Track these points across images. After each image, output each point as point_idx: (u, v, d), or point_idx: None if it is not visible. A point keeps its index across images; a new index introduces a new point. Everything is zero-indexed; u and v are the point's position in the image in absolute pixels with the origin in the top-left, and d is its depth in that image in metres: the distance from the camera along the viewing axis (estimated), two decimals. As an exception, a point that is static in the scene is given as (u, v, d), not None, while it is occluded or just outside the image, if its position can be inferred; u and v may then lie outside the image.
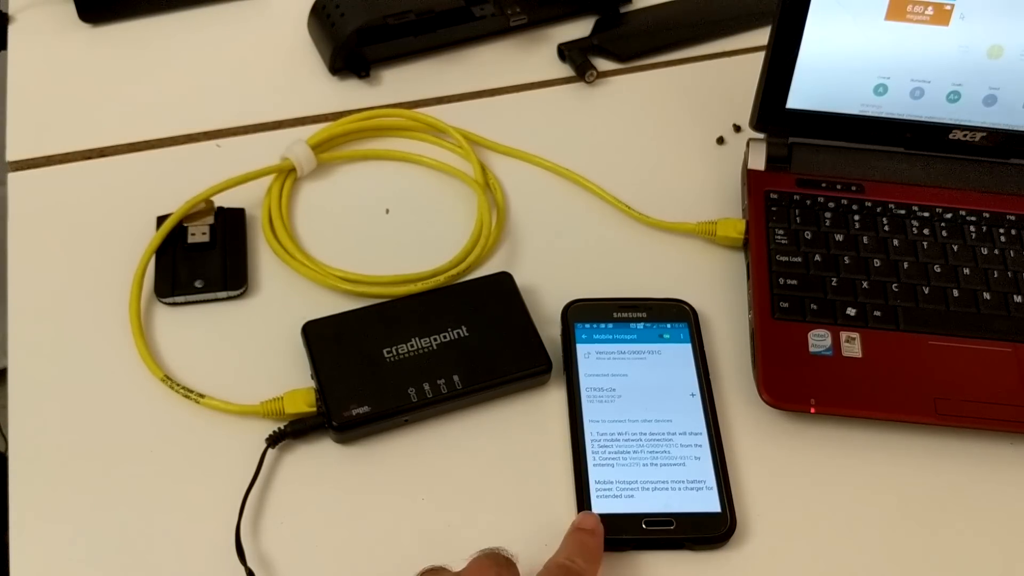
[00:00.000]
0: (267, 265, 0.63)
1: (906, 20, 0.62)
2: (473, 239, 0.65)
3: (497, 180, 0.69)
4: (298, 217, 0.67)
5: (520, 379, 0.57)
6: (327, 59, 0.75)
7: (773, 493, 0.54)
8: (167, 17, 0.80)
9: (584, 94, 0.77)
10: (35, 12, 0.79)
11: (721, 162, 0.72)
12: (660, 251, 0.66)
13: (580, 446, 0.54)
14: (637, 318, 0.60)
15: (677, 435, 0.55)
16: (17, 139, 0.70)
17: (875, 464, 0.56)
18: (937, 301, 0.60)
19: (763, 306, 0.60)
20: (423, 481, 0.54)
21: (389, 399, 0.54)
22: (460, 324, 0.58)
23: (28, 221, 0.65)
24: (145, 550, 0.50)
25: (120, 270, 0.61)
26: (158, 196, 0.65)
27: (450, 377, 0.55)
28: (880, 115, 0.66)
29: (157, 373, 0.56)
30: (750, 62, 0.80)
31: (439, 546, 0.52)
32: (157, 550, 0.50)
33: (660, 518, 0.52)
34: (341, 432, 0.54)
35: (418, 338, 0.57)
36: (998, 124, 0.66)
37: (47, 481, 0.53)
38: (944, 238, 0.64)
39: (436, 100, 0.75)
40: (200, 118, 0.72)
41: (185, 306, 0.61)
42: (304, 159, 0.67)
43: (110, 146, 0.70)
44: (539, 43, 0.80)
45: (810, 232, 0.63)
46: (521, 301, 0.59)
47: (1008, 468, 0.56)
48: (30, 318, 0.59)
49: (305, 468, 0.54)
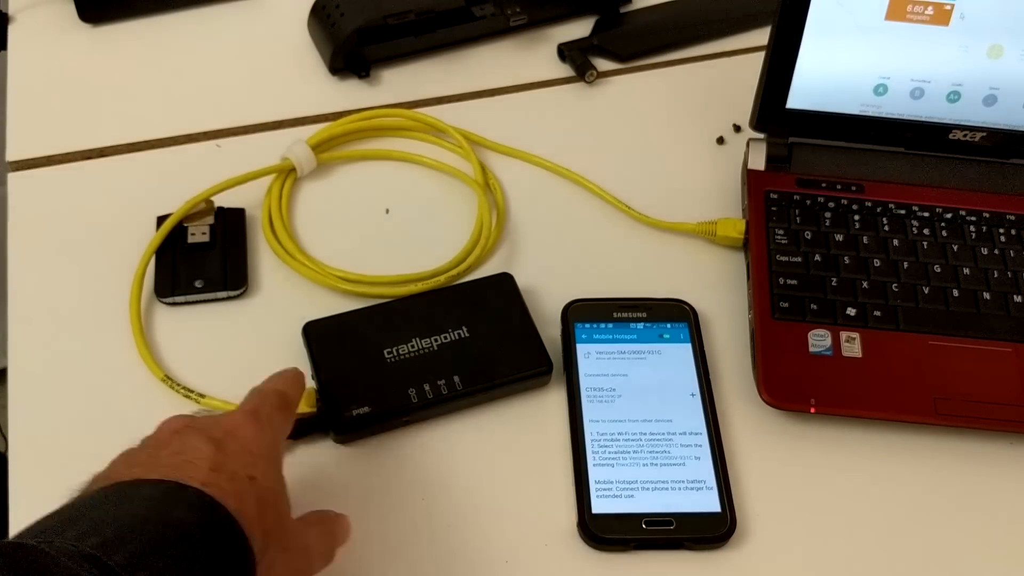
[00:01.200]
0: (267, 265, 0.63)
1: (906, 20, 0.62)
2: (473, 239, 0.65)
3: (497, 180, 0.69)
4: (298, 217, 0.66)
5: (521, 380, 0.57)
6: (327, 59, 0.75)
7: (773, 493, 0.54)
8: (167, 17, 0.80)
9: (584, 94, 0.77)
10: (35, 12, 0.79)
11: (721, 162, 0.72)
12: (660, 251, 0.66)
13: (580, 446, 0.54)
14: (637, 318, 0.60)
15: (677, 435, 0.55)
16: (17, 139, 0.70)
17: (875, 464, 0.56)
18: (937, 301, 0.60)
19: (763, 306, 0.60)
20: (423, 481, 0.54)
21: (389, 400, 0.54)
22: (461, 325, 0.58)
23: (28, 221, 0.65)
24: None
25: (120, 270, 0.61)
26: (158, 196, 0.65)
27: (451, 378, 0.55)
28: (880, 115, 0.66)
29: (157, 373, 0.56)
30: (750, 62, 0.79)
31: (439, 546, 0.52)
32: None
33: (660, 518, 0.52)
34: (341, 433, 0.54)
35: (419, 339, 0.57)
36: (998, 124, 0.66)
37: (47, 481, 0.53)
38: (944, 238, 0.64)
39: (436, 100, 0.75)
40: (200, 118, 0.72)
41: (185, 306, 0.61)
42: (304, 159, 0.67)
43: (110, 146, 0.70)
44: (539, 43, 0.80)
45: (810, 232, 0.63)
46: (522, 302, 0.59)
47: (1008, 468, 0.56)
48: (30, 318, 0.59)
49: (305, 468, 0.54)
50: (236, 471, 0.40)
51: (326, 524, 0.47)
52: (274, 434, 0.45)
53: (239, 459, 0.41)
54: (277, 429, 0.45)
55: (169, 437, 0.42)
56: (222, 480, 0.39)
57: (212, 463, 0.40)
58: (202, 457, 0.40)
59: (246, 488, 0.40)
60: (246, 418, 0.44)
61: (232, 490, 0.39)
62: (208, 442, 0.41)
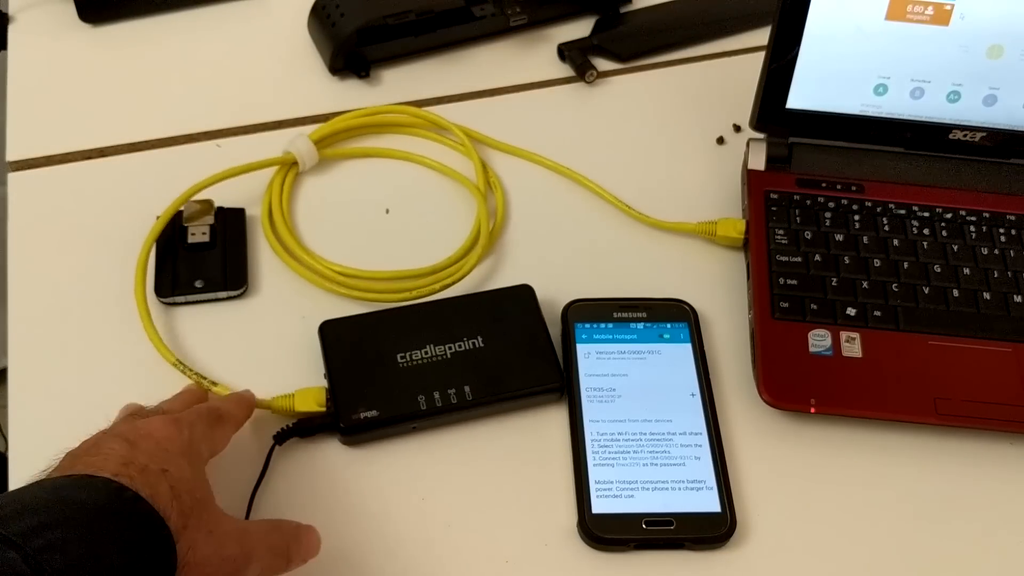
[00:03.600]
0: (267, 265, 0.63)
1: (906, 20, 0.62)
2: (472, 238, 0.65)
3: (498, 178, 0.69)
4: (298, 212, 0.67)
5: (531, 396, 0.56)
6: (327, 59, 0.75)
7: (773, 493, 0.54)
8: (167, 17, 0.80)
9: (584, 94, 0.77)
10: (35, 12, 0.79)
11: (721, 162, 0.72)
12: (660, 251, 0.66)
13: (580, 446, 0.54)
14: (637, 318, 0.60)
15: (677, 435, 0.55)
16: (17, 139, 0.70)
17: (875, 464, 0.56)
18: (937, 301, 0.60)
19: (763, 306, 0.60)
20: (424, 481, 0.54)
21: (398, 405, 0.54)
22: (476, 334, 0.57)
23: (28, 221, 0.65)
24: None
25: (120, 270, 0.61)
26: (158, 196, 0.65)
27: (461, 387, 0.55)
28: (880, 115, 0.66)
29: (169, 357, 0.56)
30: (750, 62, 0.79)
31: (439, 546, 0.52)
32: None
33: (660, 518, 0.52)
34: (348, 434, 0.54)
35: (433, 345, 0.56)
36: (998, 124, 0.66)
37: (47, 481, 0.53)
38: (944, 238, 0.64)
39: (436, 100, 0.75)
40: (200, 118, 0.72)
41: (185, 306, 0.61)
42: (307, 153, 0.67)
43: (110, 146, 0.70)
44: (539, 43, 0.80)
45: (810, 232, 0.63)
46: (539, 314, 0.59)
47: (1008, 468, 0.56)
48: (30, 318, 0.59)
49: (310, 467, 0.54)
50: (147, 465, 0.41)
51: (283, 527, 0.47)
52: (192, 437, 0.46)
53: (152, 455, 0.42)
54: (198, 436, 0.46)
55: (91, 440, 0.43)
56: (132, 471, 0.40)
57: (124, 459, 0.41)
58: (115, 454, 0.41)
59: (158, 478, 0.41)
60: (165, 421, 0.45)
61: (143, 480, 0.40)
62: (123, 443, 0.42)
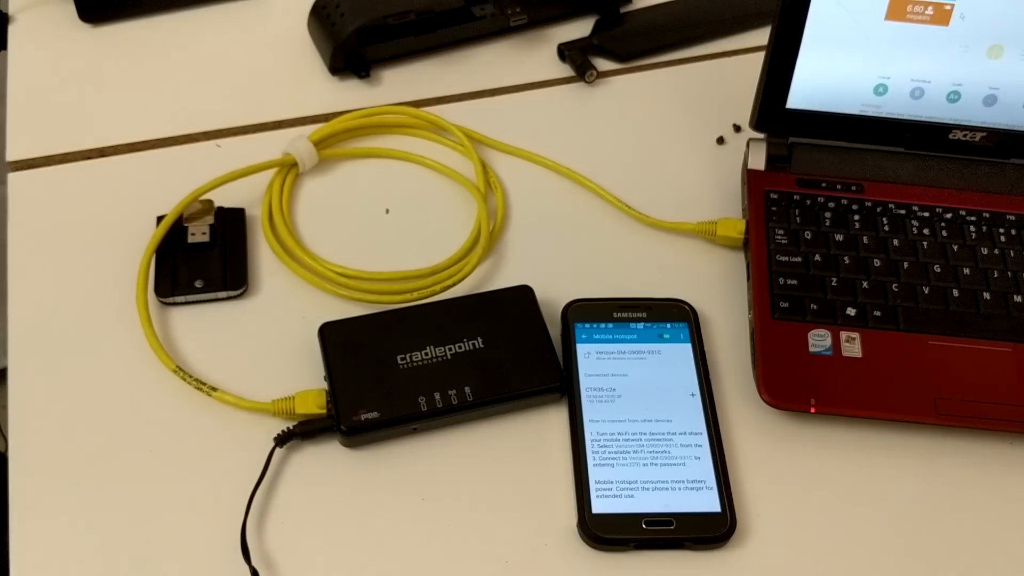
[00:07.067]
0: (267, 265, 0.63)
1: (906, 20, 0.62)
2: (472, 238, 0.65)
3: (498, 178, 0.69)
4: (298, 213, 0.67)
5: (531, 396, 0.56)
6: (327, 59, 0.75)
7: (773, 493, 0.54)
8: (167, 17, 0.80)
9: (584, 94, 0.77)
10: (35, 12, 0.79)
11: (721, 162, 0.72)
12: (660, 251, 0.66)
13: (580, 446, 0.54)
14: (637, 318, 0.60)
15: (677, 435, 0.55)
16: (17, 139, 0.70)
17: (875, 464, 0.56)
18: (937, 301, 0.60)
19: (763, 306, 0.60)
20: (424, 482, 0.54)
21: (399, 407, 0.54)
22: (476, 335, 0.57)
23: (28, 221, 0.65)
24: (147, 550, 0.50)
25: (120, 270, 0.61)
26: (158, 196, 0.65)
27: (461, 388, 0.55)
28: (880, 115, 0.66)
29: (169, 364, 0.56)
30: (750, 62, 0.80)
31: (439, 547, 0.52)
32: (159, 549, 0.50)
33: (660, 518, 0.52)
34: (349, 436, 0.54)
35: (433, 347, 0.57)
36: (998, 124, 0.66)
37: (47, 481, 0.53)
38: (944, 238, 0.64)
39: (436, 100, 0.75)
40: (200, 118, 0.72)
41: (185, 306, 0.61)
42: (306, 154, 0.67)
43: (110, 146, 0.70)
44: (539, 43, 0.80)
45: (810, 232, 0.63)
46: (539, 315, 0.59)
47: (1008, 468, 0.56)
48: (30, 318, 0.59)
49: (311, 469, 0.54)
50: None
51: None
52: None
53: None
54: None
55: None
56: None
57: None
58: None
59: None
60: None
61: None
62: None
